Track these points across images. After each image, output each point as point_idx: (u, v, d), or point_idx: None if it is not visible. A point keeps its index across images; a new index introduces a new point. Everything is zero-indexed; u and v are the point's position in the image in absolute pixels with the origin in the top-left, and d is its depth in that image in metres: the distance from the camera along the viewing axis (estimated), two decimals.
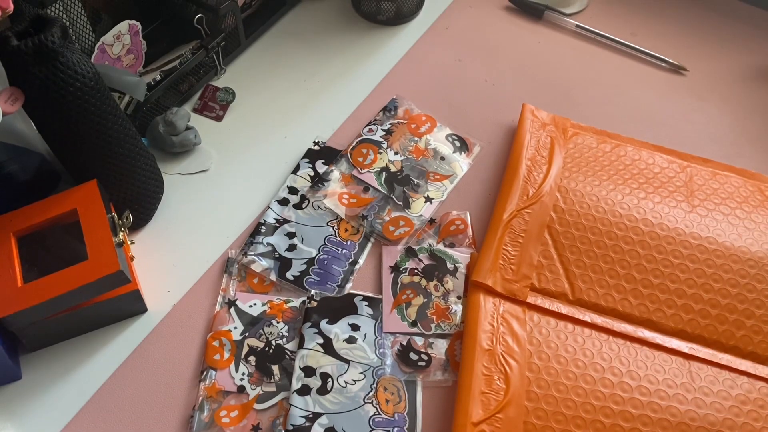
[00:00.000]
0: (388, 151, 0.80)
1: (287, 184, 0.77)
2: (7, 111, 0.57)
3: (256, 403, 0.61)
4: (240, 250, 0.71)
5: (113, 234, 0.62)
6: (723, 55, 0.98)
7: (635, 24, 1.02)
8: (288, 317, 0.67)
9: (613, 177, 0.77)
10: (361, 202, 0.76)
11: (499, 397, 0.60)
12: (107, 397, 0.62)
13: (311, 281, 0.69)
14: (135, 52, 0.77)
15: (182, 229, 0.74)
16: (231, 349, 0.64)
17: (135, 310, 0.67)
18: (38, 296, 0.58)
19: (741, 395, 0.62)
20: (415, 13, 1.00)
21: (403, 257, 0.71)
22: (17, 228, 0.63)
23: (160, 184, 0.75)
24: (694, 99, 0.92)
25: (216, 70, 0.89)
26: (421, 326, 0.66)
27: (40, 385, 0.62)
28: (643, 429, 0.59)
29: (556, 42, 0.99)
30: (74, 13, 0.71)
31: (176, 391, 0.62)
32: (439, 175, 0.79)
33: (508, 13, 1.03)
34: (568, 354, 0.63)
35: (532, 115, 0.83)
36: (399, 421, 0.60)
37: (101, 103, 0.62)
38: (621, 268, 0.69)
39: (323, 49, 0.95)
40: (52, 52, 0.57)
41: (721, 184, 0.77)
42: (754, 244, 0.71)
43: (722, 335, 0.66)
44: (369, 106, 0.87)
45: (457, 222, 0.74)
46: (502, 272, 0.68)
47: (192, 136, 0.79)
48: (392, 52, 0.95)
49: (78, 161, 0.66)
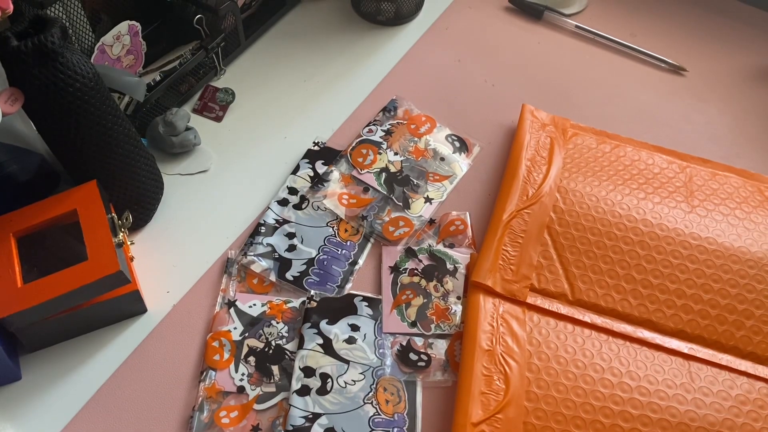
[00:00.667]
0: (387, 151, 0.80)
1: (287, 185, 0.77)
2: (7, 111, 0.57)
3: (256, 403, 0.61)
4: (240, 251, 0.71)
5: (113, 234, 0.62)
6: (723, 55, 0.98)
7: (635, 24, 1.02)
8: (288, 318, 0.67)
9: (613, 177, 0.77)
10: (361, 203, 0.76)
11: (498, 397, 0.60)
12: (107, 398, 0.62)
13: (311, 282, 0.69)
14: (135, 53, 0.77)
15: (182, 229, 0.74)
16: (231, 350, 0.64)
17: (135, 311, 0.67)
18: (38, 297, 0.58)
19: (740, 396, 0.62)
20: (414, 14, 1.00)
21: (403, 258, 0.71)
22: (17, 228, 0.63)
23: (160, 184, 0.75)
24: (694, 99, 0.92)
25: (216, 70, 0.89)
26: (421, 327, 0.66)
27: (40, 386, 0.62)
28: (643, 429, 0.59)
29: (556, 42, 0.99)
30: (74, 14, 0.71)
31: (176, 391, 0.62)
32: (439, 175, 0.79)
33: (508, 14, 1.03)
34: (568, 354, 0.63)
35: (532, 116, 0.83)
36: (399, 422, 0.60)
37: (101, 103, 0.62)
38: (620, 268, 0.69)
39: (323, 49, 0.95)
40: (51, 52, 0.57)
41: (720, 185, 0.77)
42: (753, 244, 0.71)
43: (722, 336, 0.66)
44: (369, 107, 0.87)
45: (457, 222, 0.74)
46: (502, 273, 0.68)
47: (192, 136, 0.79)
48: (392, 53, 0.95)
49: (78, 162, 0.66)
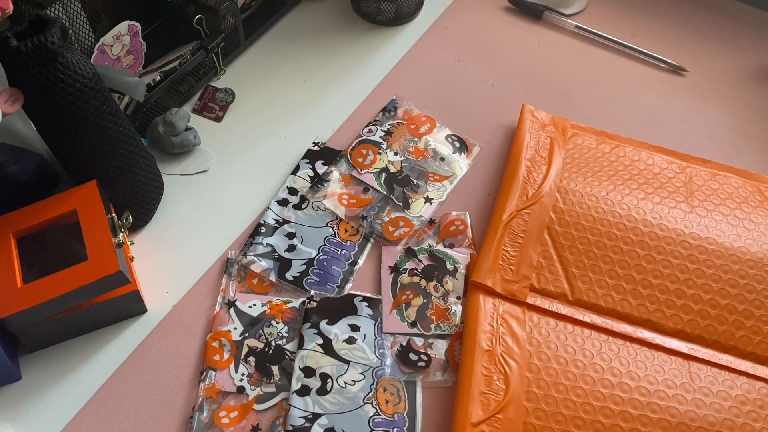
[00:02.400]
0: (387, 151, 0.80)
1: (287, 185, 0.77)
2: (6, 112, 0.57)
3: (256, 403, 0.61)
4: (240, 251, 0.71)
5: (113, 234, 0.62)
6: (723, 55, 0.98)
7: (635, 25, 1.02)
8: (288, 318, 0.67)
9: (613, 178, 0.77)
10: (361, 203, 0.76)
11: (498, 397, 0.60)
12: (107, 398, 0.62)
13: (311, 282, 0.69)
14: (135, 53, 0.77)
15: (182, 229, 0.74)
16: (231, 350, 0.64)
17: (135, 311, 0.67)
18: (38, 297, 0.58)
19: (740, 396, 0.62)
20: (414, 14, 1.00)
21: (403, 258, 0.71)
22: (17, 228, 0.63)
23: (160, 184, 0.75)
24: (694, 99, 0.92)
25: (216, 70, 0.89)
26: (421, 327, 0.66)
27: (40, 386, 0.62)
28: (643, 429, 0.59)
29: (556, 43, 0.99)
30: (74, 14, 0.71)
31: (176, 391, 0.62)
32: (439, 175, 0.79)
33: (508, 14, 1.03)
34: (568, 354, 0.63)
35: (532, 116, 0.83)
36: (399, 422, 0.60)
37: (101, 103, 0.62)
38: (620, 268, 0.69)
39: (323, 49, 0.95)
40: (51, 52, 0.57)
41: (720, 185, 0.77)
42: (753, 244, 0.71)
43: (722, 336, 0.66)
44: (368, 107, 0.87)
45: (457, 222, 0.74)
46: (502, 273, 0.68)
47: (192, 136, 0.79)
48: (392, 53, 0.95)
49: (78, 162, 0.66)
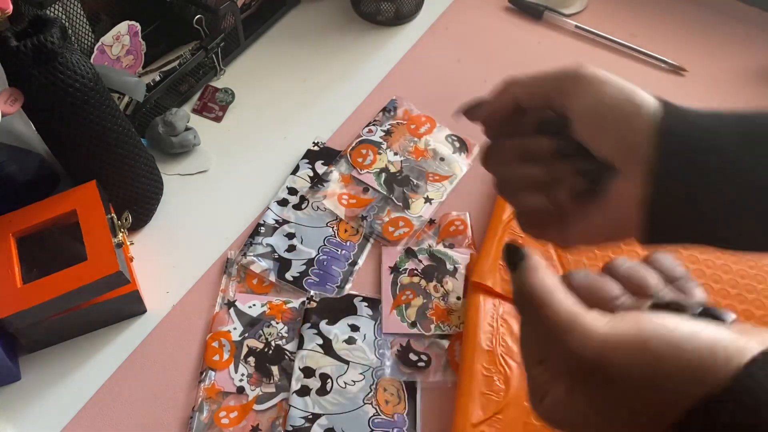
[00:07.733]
0: (387, 151, 0.80)
1: (286, 185, 0.77)
2: (6, 112, 0.57)
3: (256, 404, 0.61)
4: (239, 251, 0.71)
5: (112, 235, 0.62)
6: (723, 55, 0.98)
7: (635, 25, 1.02)
8: (287, 318, 0.67)
9: None
10: (361, 203, 0.76)
11: (498, 397, 0.60)
12: (106, 398, 0.62)
13: (310, 282, 0.69)
14: (134, 53, 0.77)
15: (181, 229, 0.74)
16: (230, 350, 0.64)
17: (134, 311, 0.67)
18: (37, 297, 0.58)
19: None
20: (414, 14, 1.00)
21: (403, 258, 0.71)
22: (16, 229, 0.63)
23: (160, 184, 0.75)
24: (694, 99, 0.91)
25: (215, 70, 0.89)
26: (421, 327, 0.66)
27: (40, 386, 0.62)
28: None
29: (556, 43, 0.99)
30: (73, 14, 0.71)
31: (175, 392, 0.62)
32: (439, 175, 0.79)
33: (508, 14, 1.03)
34: None
35: None
36: (399, 422, 0.60)
37: (100, 103, 0.62)
38: None
39: (323, 49, 0.95)
40: (51, 52, 0.57)
41: None
42: None
43: None
44: (368, 107, 0.87)
45: (457, 223, 0.74)
46: (502, 273, 0.68)
47: (191, 136, 0.79)
48: (392, 53, 0.95)
49: (77, 162, 0.66)
